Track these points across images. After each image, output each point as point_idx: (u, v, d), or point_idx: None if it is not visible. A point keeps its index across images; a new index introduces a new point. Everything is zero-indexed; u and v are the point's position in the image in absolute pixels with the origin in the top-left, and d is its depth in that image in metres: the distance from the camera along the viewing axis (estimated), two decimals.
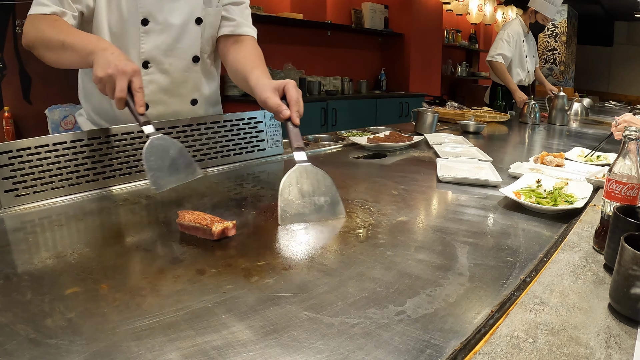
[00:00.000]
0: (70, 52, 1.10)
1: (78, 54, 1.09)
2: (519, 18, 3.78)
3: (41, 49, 1.16)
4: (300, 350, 0.55)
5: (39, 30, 1.15)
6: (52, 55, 1.15)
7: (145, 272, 0.75)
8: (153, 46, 1.27)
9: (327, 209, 1.00)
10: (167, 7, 1.26)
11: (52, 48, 1.13)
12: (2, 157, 1.01)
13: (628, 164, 0.84)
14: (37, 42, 1.16)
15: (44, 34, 1.14)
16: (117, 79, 1.00)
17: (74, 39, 1.10)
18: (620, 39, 9.31)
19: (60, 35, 1.11)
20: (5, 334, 0.56)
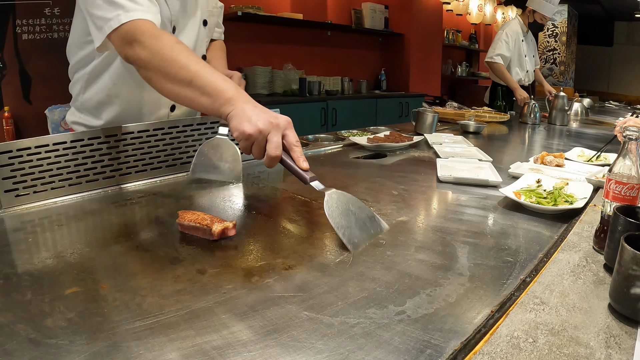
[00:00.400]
0: (195, 92, 0.96)
1: (211, 99, 0.96)
2: (517, 17, 3.78)
3: (154, 75, 1.00)
4: (300, 350, 0.55)
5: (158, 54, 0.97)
6: (171, 87, 0.99)
7: (145, 272, 0.75)
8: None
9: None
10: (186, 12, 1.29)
11: (173, 79, 0.98)
12: (2, 157, 1.01)
13: (628, 164, 0.84)
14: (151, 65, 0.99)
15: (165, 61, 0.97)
16: (272, 133, 0.90)
17: (207, 81, 0.96)
18: (620, 39, 9.31)
19: (188, 71, 0.96)
20: (5, 334, 0.56)
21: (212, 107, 0.97)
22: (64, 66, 1.34)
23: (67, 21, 3.39)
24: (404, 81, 5.92)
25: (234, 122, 0.93)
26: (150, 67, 1.00)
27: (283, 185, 1.35)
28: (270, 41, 4.64)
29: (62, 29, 3.37)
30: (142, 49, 1.00)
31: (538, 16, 3.62)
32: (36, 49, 3.27)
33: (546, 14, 3.57)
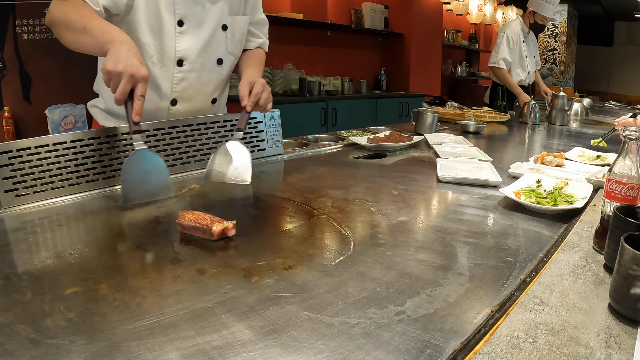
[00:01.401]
0: (89, 36, 1.11)
1: (96, 39, 1.10)
2: (519, 18, 3.77)
3: (62, 29, 1.18)
4: (300, 350, 0.55)
5: (63, 11, 1.17)
6: (71, 36, 1.16)
7: (145, 272, 0.75)
8: (187, 46, 1.35)
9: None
10: (200, 13, 1.35)
11: (73, 30, 1.15)
12: (2, 157, 1.01)
13: (628, 164, 0.84)
14: (59, 21, 1.17)
15: (68, 14, 1.16)
16: (124, 79, 1.02)
17: (95, 25, 1.12)
18: (620, 39, 9.31)
19: (83, 20, 1.13)
20: (5, 334, 0.56)
21: (99, 48, 1.10)
22: (64, 66, 1.36)
23: None
24: (404, 81, 5.92)
25: (105, 59, 1.06)
26: (56, 23, 1.18)
27: (283, 186, 1.35)
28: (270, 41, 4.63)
29: None
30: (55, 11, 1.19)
31: (538, 17, 3.61)
32: (36, 49, 3.26)
33: (546, 15, 3.57)
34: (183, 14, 1.31)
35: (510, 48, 3.68)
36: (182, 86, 1.39)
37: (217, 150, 1.25)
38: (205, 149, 1.39)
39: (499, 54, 3.68)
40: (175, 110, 1.42)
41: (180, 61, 1.36)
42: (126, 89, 1.03)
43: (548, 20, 3.64)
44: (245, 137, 1.51)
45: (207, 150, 1.40)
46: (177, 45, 1.33)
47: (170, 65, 1.35)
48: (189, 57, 1.37)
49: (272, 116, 1.59)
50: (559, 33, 8.29)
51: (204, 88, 1.46)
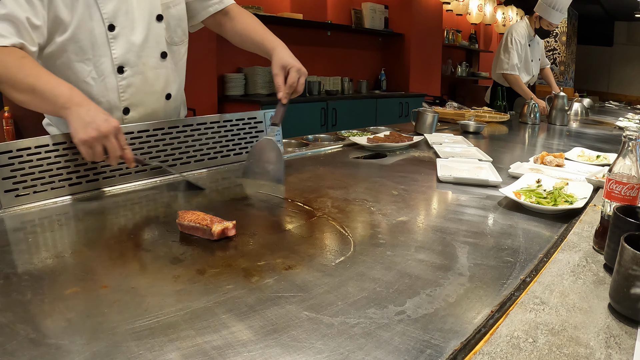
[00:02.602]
0: (40, 99, 1.06)
1: (49, 103, 1.06)
2: (525, 20, 3.75)
3: (8, 88, 1.07)
4: (300, 350, 0.55)
5: (5, 66, 1.05)
6: (20, 97, 1.08)
7: (145, 272, 0.75)
8: (124, 50, 1.25)
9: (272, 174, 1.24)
10: (128, 9, 1.24)
11: (20, 90, 1.06)
12: (2, 157, 1.01)
13: (628, 164, 0.84)
14: (3, 80, 1.06)
15: (11, 72, 1.05)
16: (107, 142, 1.05)
17: (45, 86, 1.05)
18: (620, 39, 9.31)
19: (29, 79, 1.05)
20: (5, 334, 0.56)
21: (55, 112, 1.08)
22: None
23: None
24: (404, 81, 5.92)
25: (70, 129, 1.05)
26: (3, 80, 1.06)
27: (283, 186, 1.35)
28: None
29: None
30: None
31: (544, 23, 3.59)
32: None
33: (553, 22, 3.55)
34: (111, 16, 1.20)
35: (519, 53, 3.67)
36: (129, 93, 1.29)
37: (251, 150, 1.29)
38: (205, 149, 1.39)
39: (510, 60, 3.64)
40: (130, 118, 1.32)
41: (121, 68, 1.25)
42: (115, 149, 1.06)
43: (554, 27, 3.62)
44: (246, 137, 1.51)
45: (206, 150, 1.40)
46: (112, 52, 1.22)
47: (110, 75, 1.25)
48: (129, 61, 1.26)
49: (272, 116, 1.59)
50: (559, 33, 8.29)
51: (153, 88, 1.35)
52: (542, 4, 3.52)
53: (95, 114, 1.05)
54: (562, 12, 3.51)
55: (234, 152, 1.48)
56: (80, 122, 1.03)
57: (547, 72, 4.11)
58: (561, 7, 3.47)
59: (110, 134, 1.05)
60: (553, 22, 3.56)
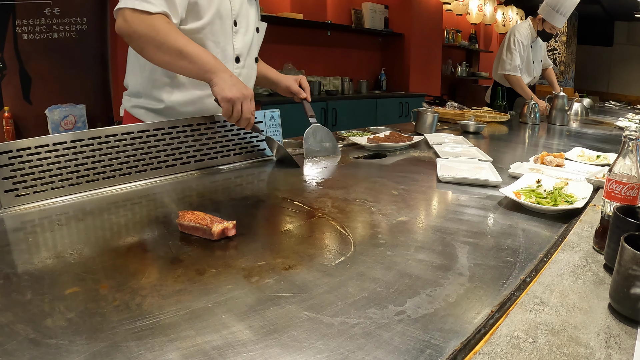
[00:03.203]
0: (187, 61, 1.21)
1: (196, 66, 1.22)
2: (529, 22, 3.74)
3: (149, 47, 1.21)
4: (300, 350, 0.55)
5: (153, 28, 1.19)
6: (162, 56, 1.22)
7: (145, 272, 0.75)
8: (241, 45, 1.47)
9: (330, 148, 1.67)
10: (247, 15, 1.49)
11: (166, 51, 1.20)
12: (2, 157, 1.01)
13: (628, 164, 0.84)
14: (145, 38, 1.19)
15: (159, 34, 1.19)
16: (244, 102, 1.25)
17: (193, 51, 1.21)
18: (620, 39, 9.31)
19: (178, 43, 1.20)
20: (5, 334, 0.56)
21: (199, 74, 1.24)
22: (64, 66, 1.36)
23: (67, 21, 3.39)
24: (404, 81, 5.92)
25: (216, 88, 1.22)
26: (146, 39, 1.20)
27: (283, 186, 1.35)
28: (270, 41, 4.62)
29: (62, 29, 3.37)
30: (138, 25, 1.19)
31: (547, 26, 3.58)
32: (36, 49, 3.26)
33: (556, 25, 3.54)
34: (237, 14, 1.42)
35: (522, 54, 3.67)
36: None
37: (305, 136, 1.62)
38: (205, 149, 1.39)
39: (513, 61, 3.64)
40: None
41: (238, 58, 1.47)
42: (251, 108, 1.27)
43: (556, 31, 3.62)
44: (246, 137, 1.51)
45: (206, 150, 1.40)
46: (234, 43, 1.44)
47: (231, 62, 1.45)
48: (242, 55, 1.49)
49: (272, 116, 1.59)
50: (559, 33, 8.29)
51: (248, 84, 1.56)
52: (546, 7, 3.51)
53: (237, 80, 1.25)
54: (566, 16, 3.51)
55: (234, 152, 1.48)
56: (226, 83, 1.22)
57: (550, 73, 4.11)
58: (565, 11, 3.46)
59: (248, 97, 1.25)
60: (556, 26, 3.56)
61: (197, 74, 1.25)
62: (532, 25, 3.71)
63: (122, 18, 1.21)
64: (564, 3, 3.43)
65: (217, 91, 1.22)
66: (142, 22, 1.19)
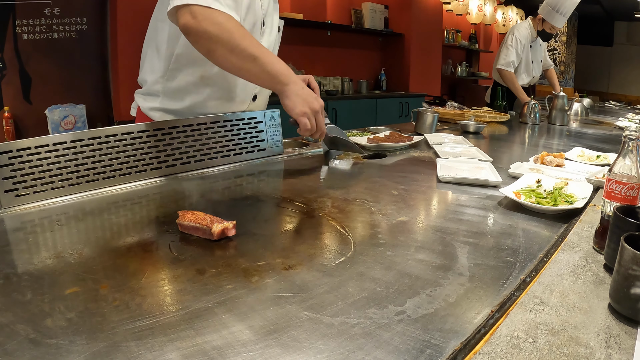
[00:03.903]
0: (260, 69, 1.16)
1: (268, 75, 1.19)
2: (529, 21, 3.74)
3: (221, 49, 1.14)
4: (300, 350, 0.55)
5: (226, 29, 1.12)
6: (233, 60, 1.15)
7: (145, 272, 0.75)
8: (267, 44, 1.44)
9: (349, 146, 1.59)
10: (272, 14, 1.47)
11: (239, 55, 1.14)
12: (2, 157, 1.01)
13: (628, 164, 0.84)
14: (218, 39, 1.12)
15: (233, 36, 1.13)
16: (317, 116, 1.24)
17: (267, 59, 1.17)
18: (620, 39, 9.31)
19: (253, 48, 1.15)
20: (5, 334, 0.56)
21: (270, 84, 1.22)
22: (64, 66, 1.35)
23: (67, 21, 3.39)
24: (404, 81, 5.92)
25: (288, 102, 1.21)
26: (218, 40, 1.13)
27: (283, 186, 1.35)
28: None
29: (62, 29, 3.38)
30: (210, 24, 1.11)
31: (547, 25, 3.58)
32: (36, 49, 3.27)
33: (556, 25, 3.54)
34: (265, 13, 1.39)
35: (519, 52, 3.68)
36: None
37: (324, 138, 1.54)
38: (205, 149, 1.39)
39: (508, 56, 3.66)
40: (253, 105, 1.53)
41: None
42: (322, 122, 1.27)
43: (556, 31, 3.62)
44: (246, 137, 1.51)
45: (206, 150, 1.40)
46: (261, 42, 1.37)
47: None
48: None
49: (272, 116, 1.59)
50: (559, 33, 8.30)
51: None
52: (546, 7, 3.51)
53: (308, 92, 1.23)
54: (566, 16, 3.51)
55: (234, 152, 1.48)
56: (298, 98, 1.20)
57: (551, 73, 4.11)
58: (566, 11, 3.46)
59: (319, 110, 1.24)
60: (556, 26, 3.56)
61: (268, 82, 1.22)
62: (532, 25, 3.71)
63: (190, 15, 1.11)
64: (564, 3, 3.43)
65: (290, 107, 1.21)
66: (214, 21, 1.11)
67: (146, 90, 1.43)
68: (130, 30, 3.54)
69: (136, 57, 1.48)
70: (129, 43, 3.57)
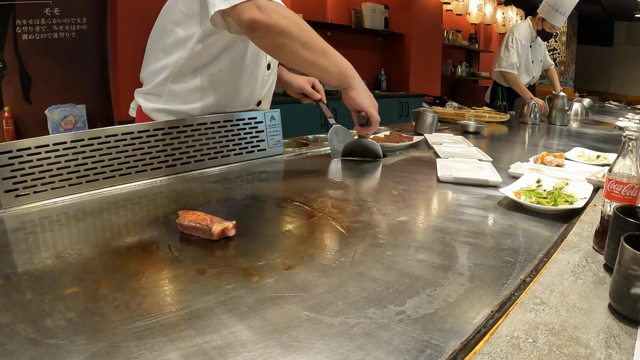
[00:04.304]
0: (330, 63, 1.21)
1: (337, 69, 1.24)
2: (528, 21, 3.74)
3: (293, 44, 1.13)
4: (300, 350, 0.55)
5: (296, 23, 1.13)
6: (306, 55, 1.17)
7: (145, 272, 0.75)
8: None
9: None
10: None
11: (311, 50, 1.17)
12: (2, 157, 1.01)
13: (628, 164, 0.84)
14: (289, 34, 1.12)
15: (303, 30, 1.14)
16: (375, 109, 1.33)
17: (335, 54, 1.22)
18: (620, 39, 9.31)
19: (322, 43, 1.19)
20: (5, 334, 0.56)
21: (337, 78, 1.27)
22: (64, 66, 1.35)
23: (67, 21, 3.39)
24: (404, 81, 5.92)
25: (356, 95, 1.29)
26: (289, 34, 1.12)
27: (283, 186, 1.35)
28: None
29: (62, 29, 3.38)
30: (281, 17, 1.10)
31: (547, 25, 3.58)
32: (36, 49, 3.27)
33: (555, 24, 3.54)
34: None
35: (519, 53, 3.67)
36: (267, 88, 1.53)
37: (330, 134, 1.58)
38: (205, 149, 1.39)
39: (509, 58, 3.65)
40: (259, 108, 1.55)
41: (269, 65, 1.47)
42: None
43: (556, 30, 3.62)
44: (246, 137, 1.51)
45: (206, 150, 1.40)
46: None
47: (262, 69, 1.46)
48: (273, 61, 1.49)
49: (272, 116, 1.59)
50: (559, 33, 8.30)
51: (273, 89, 1.60)
52: (545, 6, 3.51)
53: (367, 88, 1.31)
54: (566, 15, 3.51)
55: (234, 152, 1.48)
56: (365, 92, 1.29)
57: (552, 73, 4.11)
58: (565, 10, 3.46)
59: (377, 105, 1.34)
60: (556, 25, 3.56)
61: (337, 76, 1.25)
62: (532, 25, 3.71)
63: (258, 9, 1.08)
64: (563, 2, 3.43)
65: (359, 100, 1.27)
66: (284, 15, 1.10)
67: (149, 91, 1.40)
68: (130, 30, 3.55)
69: (136, 57, 1.48)
70: (129, 43, 3.57)
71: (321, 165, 1.56)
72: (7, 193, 1.02)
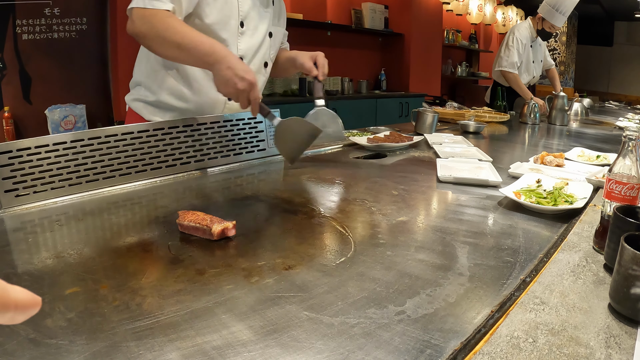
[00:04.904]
0: (186, 54, 1.21)
1: (195, 58, 1.22)
2: (529, 21, 3.74)
3: (154, 44, 1.23)
4: (300, 350, 0.55)
5: (153, 25, 1.20)
6: (166, 51, 1.23)
7: (145, 272, 0.75)
8: (246, 47, 1.44)
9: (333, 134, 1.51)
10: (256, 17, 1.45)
11: (168, 47, 1.21)
12: (2, 157, 1.01)
13: (628, 164, 0.84)
14: (150, 36, 1.21)
15: (159, 30, 1.19)
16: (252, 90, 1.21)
17: (190, 42, 1.20)
18: (620, 39, 9.30)
19: (176, 36, 1.19)
20: (5, 334, 0.56)
21: (200, 62, 1.23)
22: (64, 66, 1.36)
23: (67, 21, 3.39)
24: (404, 81, 5.92)
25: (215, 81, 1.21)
26: (148, 36, 1.21)
27: (283, 186, 1.35)
28: None
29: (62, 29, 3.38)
30: (142, 24, 1.20)
31: (547, 25, 3.58)
32: (36, 49, 3.27)
33: (555, 24, 3.54)
34: (245, 15, 1.40)
35: (520, 52, 3.67)
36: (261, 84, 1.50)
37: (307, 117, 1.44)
38: (205, 149, 1.39)
39: (510, 57, 3.65)
40: (230, 105, 1.49)
41: (241, 59, 1.43)
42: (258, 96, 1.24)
43: (556, 30, 3.62)
44: (246, 137, 1.51)
45: (206, 150, 1.40)
46: (238, 44, 1.41)
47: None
48: (247, 57, 1.45)
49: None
50: (559, 33, 8.30)
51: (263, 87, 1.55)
52: (546, 6, 3.51)
53: (232, 73, 1.18)
54: (566, 15, 3.51)
55: (234, 152, 1.48)
56: (220, 79, 1.20)
57: (553, 73, 4.10)
58: (565, 10, 3.46)
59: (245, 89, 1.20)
60: (556, 25, 3.55)
61: (200, 65, 1.26)
62: (532, 25, 3.71)
63: (130, 20, 1.22)
64: (563, 2, 3.43)
65: (217, 88, 1.23)
66: (145, 20, 1.20)
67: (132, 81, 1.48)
68: None
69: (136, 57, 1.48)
70: (129, 43, 3.57)
71: (321, 165, 1.56)
72: (7, 193, 1.02)
